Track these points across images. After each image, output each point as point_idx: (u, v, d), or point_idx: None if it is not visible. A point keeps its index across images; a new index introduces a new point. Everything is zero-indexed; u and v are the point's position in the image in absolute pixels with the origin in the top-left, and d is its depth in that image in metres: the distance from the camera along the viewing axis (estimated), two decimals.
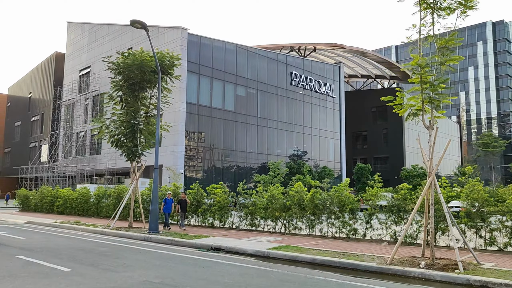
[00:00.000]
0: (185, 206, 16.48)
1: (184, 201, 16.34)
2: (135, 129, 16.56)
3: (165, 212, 16.25)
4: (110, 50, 45.20)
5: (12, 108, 66.58)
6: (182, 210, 16.29)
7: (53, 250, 11.24)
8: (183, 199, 16.36)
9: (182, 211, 16.30)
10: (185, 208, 16.50)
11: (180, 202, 16.29)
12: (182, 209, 16.31)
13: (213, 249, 11.89)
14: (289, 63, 48.18)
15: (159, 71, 15.79)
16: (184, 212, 16.42)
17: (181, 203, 16.28)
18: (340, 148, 54.19)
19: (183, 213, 16.38)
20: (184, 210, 16.43)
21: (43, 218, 22.89)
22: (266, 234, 14.57)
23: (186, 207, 16.68)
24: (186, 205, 16.52)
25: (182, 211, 16.32)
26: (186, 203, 16.54)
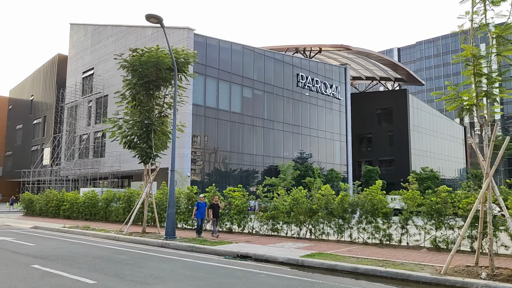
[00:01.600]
0: (218, 211, 15.23)
1: (217, 206, 15.05)
2: (150, 130, 15.77)
3: (198, 217, 14.94)
4: (114, 51, 44.44)
5: (14, 111, 65.77)
6: (214, 216, 14.99)
7: (69, 258, 10.43)
8: (215, 203, 15.05)
9: (214, 216, 15.00)
10: (218, 213, 15.25)
11: (213, 207, 15.00)
12: (215, 214, 15.02)
13: (239, 256, 11.10)
14: (295, 64, 47.53)
15: (175, 68, 15.05)
16: (216, 217, 15.12)
17: (213, 207, 14.99)
18: (347, 151, 53.50)
19: (215, 218, 15.06)
20: (217, 215, 15.14)
21: (50, 223, 22.07)
22: (291, 240, 13.78)
23: (219, 212, 15.45)
24: (218, 210, 15.26)
25: (215, 216, 15.02)
26: (219, 208, 15.24)
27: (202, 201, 15.09)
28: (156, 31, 39.85)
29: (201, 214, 14.86)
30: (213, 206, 14.97)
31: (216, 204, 15.03)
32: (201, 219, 14.89)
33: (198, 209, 14.86)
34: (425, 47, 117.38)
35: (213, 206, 14.98)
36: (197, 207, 14.91)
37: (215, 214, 14.98)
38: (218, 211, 15.22)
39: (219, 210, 15.28)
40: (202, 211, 14.90)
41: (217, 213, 15.06)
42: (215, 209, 14.99)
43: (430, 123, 66.10)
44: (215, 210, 14.97)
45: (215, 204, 15.01)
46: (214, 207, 14.97)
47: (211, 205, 15.05)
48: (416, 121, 61.57)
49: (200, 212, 14.85)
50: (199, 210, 14.86)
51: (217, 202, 15.08)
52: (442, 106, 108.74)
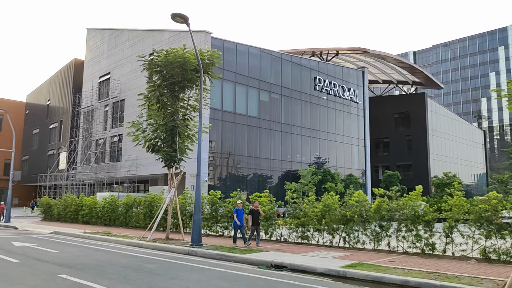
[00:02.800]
0: (258, 218, 13.96)
1: (257, 212, 13.81)
2: (174, 133, 15.26)
3: (235, 225, 14.03)
4: (130, 55, 44.43)
5: (30, 115, 66.21)
6: (254, 223, 13.75)
7: (96, 267, 9.91)
8: (255, 209, 13.79)
9: (254, 224, 13.75)
10: (258, 220, 14.00)
11: (253, 213, 13.74)
12: (255, 222, 13.77)
13: (274, 266, 10.46)
14: (312, 67, 46.88)
15: (201, 69, 14.54)
16: (257, 225, 13.88)
17: (253, 214, 13.73)
18: (365, 155, 52.55)
19: (256, 226, 13.80)
20: (257, 222, 13.91)
21: (69, 228, 21.70)
22: (324, 249, 13.10)
23: (259, 219, 14.18)
24: (259, 217, 14.02)
25: (255, 224, 13.77)
26: (259, 214, 13.97)
27: (240, 207, 14.07)
28: (173, 34, 39.63)
29: (241, 221, 13.93)
30: (253, 213, 13.76)
31: (257, 210, 13.82)
32: (241, 227, 13.91)
33: (238, 216, 13.90)
34: (442, 50, 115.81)
35: (253, 213, 13.76)
36: (237, 214, 13.92)
37: (255, 221, 13.77)
38: (259, 218, 14.01)
39: (259, 217, 14.07)
40: (241, 218, 13.92)
41: (257, 220, 13.86)
42: (256, 216, 13.79)
43: (449, 127, 64.84)
44: (255, 216, 13.77)
45: (255, 210, 13.79)
46: (254, 213, 13.76)
47: (250, 211, 13.85)
48: (434, 125, 60.41)
49: (239, 219, 13.90)
50: (238, 217, 13.89)
51: (258, 208, 13.90)
52: (460, 110, 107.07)
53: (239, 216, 13.85)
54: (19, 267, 9.73)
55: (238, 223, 13.81)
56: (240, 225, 13.80)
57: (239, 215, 13.89)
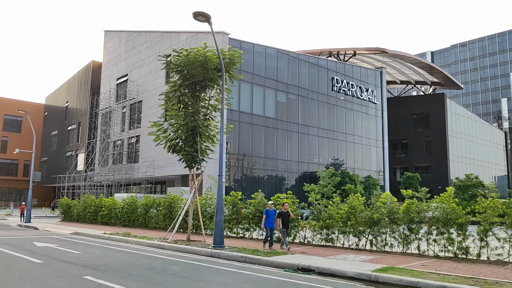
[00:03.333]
0: (288, 220, 13.46)
1: (287, 214, 13.33)
2: (195, 133, 15.08)
3: (267, 227, 13.39)
4: (148, 57, 44.61)
5: (49, 117, 67.08)
6: (284, 226, 13.25)
7: (120, 269, 9.74)
8: (285, 211, 13.33)
9: (284, 226, 13.25)
10: (288, 222, 13.49)
11: (282, 215, 13.26)
12: (284, 224, 13.27)
13: (301, 269, 10.15)
14: (330, 68, 46.40)
15: (223, 67, 14.32)
16: (286, 228, 13.38)
17: (283, 216, 13.25)
18: (383, 157, 51.79)
19: (285, 229, 13.31)
20: (287, 225, 13.39)
21: (89, 229, 21.72)
22: (350, 251, 12.73)
23: (289, 221, 13.68)
24: (289, 219, 13.54)
25: (284, 226, 13.27)
26: (289, 217, 13.50)
27: (271, 209, 13.50)
28: (190, 36, 39.62)
29: (271, 224, 13.32)
30: (282, 215, 13.29)
31: (286, 212, 13.36)
32: (271, 229, 13.32)
33: (267, 217, 13.33)
34: (460, 50, 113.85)
35: (283, 215, 13.29)
36: (266, 216, 13.36)
37: (285, 223, 13.27)
38: (288, 220, 13.51)
39: (289, 219, 13.57)
40: (272, 220, 13.32)
41: (287, 222, 13.36)
42: (285, 218, 13.30)
43: (469, 128, 63.61)
44: (285, 219, 13.27)
45: (285, 213, 13.34)
46: (283, 215, 13.29)
47: (280, 214, 13.36)
48: (454, 126, 59.31)
49: (269, 221, 13.31)
50: (268, 219, 13.32)
51: (287, 210, 13.44)
52: (479, 111, 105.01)
53: (269, 218, 13.31)
54: (43, 268, 9.62)
55: (262, 226, 13.42)
56: (271, 227, 13.32)
57: (270, 217, 13.35)
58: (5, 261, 10.64)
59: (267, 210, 13.44)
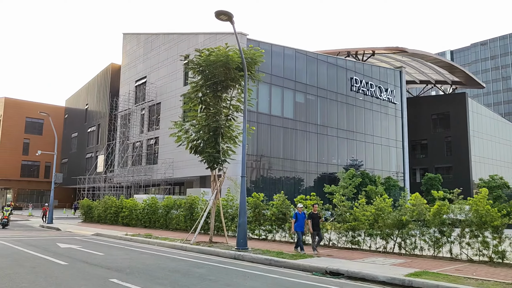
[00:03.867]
0: (319, 223, 12.97)
1: (317, 216, 12.91)
2: (217, 133, 14.90)
3: (297, 230, 12.92)
4: (166, 59, 44.82)
5: (69, 119, 68.02)
6: (314, 228, 12.78)
7: (145, 271, 9.59)
8: (315, 213, 12.89)
9: (314, 229, 12.79)
10: (319, 224, 13.00)
11: (312, 217, 12.79)
12: (315, 227, 12.79)
13: (329, 273, 9.85)
14: (348, 68, 45.85)
15: (245, 66, 14.11)
16: (317, 230, 12.88)
17: (313, 218, 12.79)
18: (403, 158, 50.94)
19: (316, 232, 12.84)
20: (318, 227, 12.90)
21: (110, 230, 21.76)
22: (377, 255, 12.36)
23: (320, 223, 13.17)
24: (319, 221, 13.07)
25: (315, 229, 12.80)
26: (319, 218, 13.09)
27: (300, 212, 13.03)
28: (208, 37, 39.59)
29: (301, 227, 12.87)
30: (312, 217, 12.82)
31: (316, 214, 12.92)
32: (301, 232, 12.90)
33: (297, 221, 12.86)
34: (480, 49, 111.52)
35: (313, 217, 12.83)
36: (296, 219, 12.90)
37: (315, 226, 12.81)
38: (319, 223, 13.02)
39: (319, 221, 13.07)
40: (302, 223, 12.89)
41: (317, 224, 12.88)
42: (316, 220, 12.84)
43: (491, 128, 62.11)
44: (315, 221, 12.83)
45: (315, 215, 12.87)
46: (314, 217, 12.83)
47: (310, 216, 12.88)
48: (476, 126, 57.98)
49: (299, 224, 12.86)
50: (298, 222, 12.86)
51: (316, 211, 12.99)
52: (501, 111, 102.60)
53: (299, 221, 12.82)
54: (68, 270, 9.54)
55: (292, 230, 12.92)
56: (301, 230, 12.87)
57: (299, 220, 12.86)
58: (30, 262, 10.62)
59: (296, 213, 12.96)
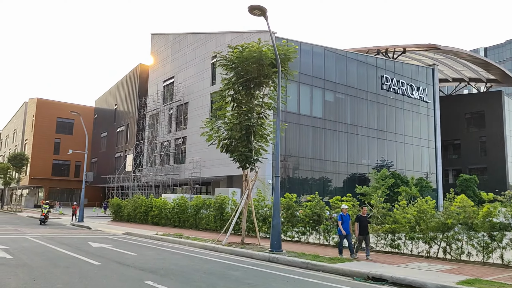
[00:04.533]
0: (367, 226, 12.08)
1: (365, 219, 12.02)
2: (250, 132, 14.51)
3: (341, 234, 12.25)
4: (193, 59, 44.88)
5: (99, 119, 69.20)
6: (362, 232, 11.89)
7: (179, 273, 9.28)
8: (363, 216, 12.01)
9: (362, 233, 11.90)
10: (367, 228, 12.07)
11: (360, 220, 11.95)
12: (363, 230, 11.89)
13: (371, 278, 9.29)
14: (379, 66, 44.74)
15: (279, 62, 13.68)
16: (366, 234, 11.97)
17: (361, 221, 11.94)
18: (436, 158, 49.37)
19: (364, 236, 11.96)
20: (366, 231, 11.97)
21: (140, 229, 21.72)
22: (420, 259, 11.69)
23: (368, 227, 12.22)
24: (368, 224, 12.14)
25: (363, 233, 11.90)
26: (368, 222, 12.20)
27: (345, 213, 12.26)
28: (235, 36, 39.34)
29: (347, 230, 12.10)
30: (360, 220, 11.93)
31: (365, 217, 12.03)
32: (348, 236, 12.08)
33: (343, 223, 12.09)
34: None
35: (361, 220, 11.92)
36: (342, 221, 12.10)
37: (363, 229, 11.87)
38: (367, 226, 12.06)
39: (367, 225, 12.08)
40: (347, 225, 12.11)
41: (366, 228, 11.93)
42: (364, 223, 11.89)
43: None
44: (363, 224, 11.88)
45: (363, 217, 11.98)
46: (362, 220, 11.91)
47: (357, 218, 12.01)
48: None
49: (345, 227, 12.08)
50: (343, 224, 12.08)
51: (365, 214, 12.15)
52: None
53: (345, 224, 12.06)
54: (101, 271, 9.33)
55: (344, 232, 11.98)
56: (346, 234, 12.02)
57: (345, 222, 12.09)
58: (64, 262, 10.49)
59: (341, 214, 12.20)
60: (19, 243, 14.50)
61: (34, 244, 14.42)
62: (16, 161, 51.08)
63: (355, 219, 12.06)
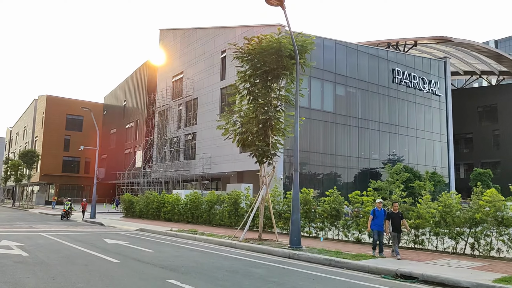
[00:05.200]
0: (400, 223, 11.23)
1: (397, 216, 11.21)
2: (267, 126, 14.16)
3: (374, 229, 11.33)
4: (203, 54, 44.54)
5: (108, 116, 69.21)
6: (395, 229, 11.20)
7: (201, 271, 9.00)
8: (395, 212, 11.25)
9: (395, 230, 11.21)
10: (400, 225, 11.25)
11: (392, 217, 11.20)
12: (395, 227, 11.19)
13: (400, 276, 8.93)
14: (390, 59, 44.08)
15: (297, 54, 13.30)
16: (398, 232, 11.25)
17: (393, 218, 11.20)
18: (448, 152, 48.68)
19: (396, 233, 11.21)
20: (398, 228, 11.23)
21: (153, 225, 21.52)
22: (446, 256, 11.30)
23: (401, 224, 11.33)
24: (400, 221, 11.27)
25: (396, 230, 11.20)
26: (401, 218, 11.28)
27: (380, 208, 11.41)
28: (245, 30, 38.86)
29: (378, 226, 11.22)
30: (392, 217, 11.21)
31: (397, 213, 11.25)
32: (379, 232, 11.25)
33: (375, 218, 11.27)
34: None
35: (393, 217, 11.21)
36: (374, 216, 11.32)
37: (395, 226, 11.18)
38: (400, 224, 11.25)
39: (400, 221, 11.27)
40: (380, 221, 11.25)
41: (398, 225, 11.19)
42: (396, 220, 11.20)
43: None
44: (395, 221, 11.19)
45: (395, 214, 11.22)
46: (394, 217, 11.21)
47: (389, 215, 11.27)
48: None
49: (376, 223, 11.24)
50: (376, 220, 11.25)
51: (397, 210, 11.38)
52: None
53: (378, 219, 11.24)
54: (121, 269, 9.06)
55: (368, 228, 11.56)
56: (378, 230, 11.27)
57: (378, 217, 11.26)
58: (82, 259, 10.25)
59: (375, 209, 11.39)
60: (34, 240, 14.33)
61: (50, 241, 14.23)
62: (27, 157, 51.20)
63: (386, 216, 11.28)
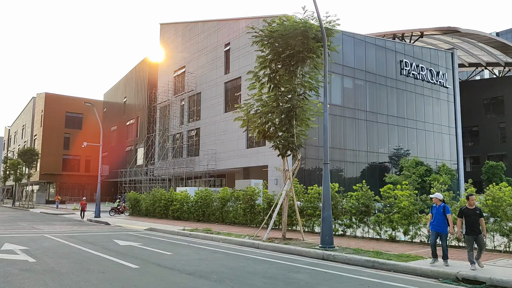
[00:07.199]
0: (478, 223, 8.46)
1: (474, 213, 8.49)
2: (291, 115, 13.02)
3: (433, 230, 9.05)
4: (205, 47, 43.35)
5: (108, 113, 67.90)
6: (470, 231, 8.54)
7: (234, 277, 7.87)
8: (470, 208, 8.55)
9: (470, 232, 8.54)
10: (478, 225, 8.46)
11: (466, 215, 8.58)
12: (472, 228, 8.50)
13: (462, 280, 7.84)
14: (398, 50, 42.96)
15: (324, 36, 12.12)
16: (476, 234, 8.45)
17: (467, 216, 8.56)
18: (457, 145, 47.69)
19: (472, 236, 8.51)
20: (477, 230, 8.46)
21: (163, 224, 20.39)
22: (498, 255, 10.24)
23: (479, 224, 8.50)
24: (478, 220, 8.46)
25: (471, 232, 8.51)
26: (479, 217, 8.49)
27: (439, 204, 9.05)
28: (250, 22, 37.59)
29: (438, 226, 8.96)
30: (466, 214, 8.59)
31: (473, 210, 8.51)
32: (437, 234, 8.99)
33: (436, 216, 9.04)
34: None
35: (467, 214, 8.56)
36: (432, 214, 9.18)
37: (472, 227, 8.48)
38: (478, 223, 8.45)
39: (478, 220, 8.46)
40: (438, 220, 8.94)
41: (476, 225, 8.44)
42: (472, 219, 8.47)
43: None
44: (471, 220, 8.48)
45: (470, 211, 8.54)
46: (468, 215, 8.54)
47: (461, 212, 8.68)
48: None
49: (433, 222, 9.04)
50: (433, 219, 9.09)
51: (473, 205, 8.59)
52: None
53: (434, 218, 9.03)
54: (144, 276, 7.92)
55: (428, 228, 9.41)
56: (437, 231, 8.99)
57: (435, 216, 9.04)
58: (96, 265, 9.09)
59: (434, 206, 9.17)
60: (39, 243, 13.17)
61: (56, 244, 13.08)
62: (26, 156, 49.92)
63: (458, 213, 8.80)
